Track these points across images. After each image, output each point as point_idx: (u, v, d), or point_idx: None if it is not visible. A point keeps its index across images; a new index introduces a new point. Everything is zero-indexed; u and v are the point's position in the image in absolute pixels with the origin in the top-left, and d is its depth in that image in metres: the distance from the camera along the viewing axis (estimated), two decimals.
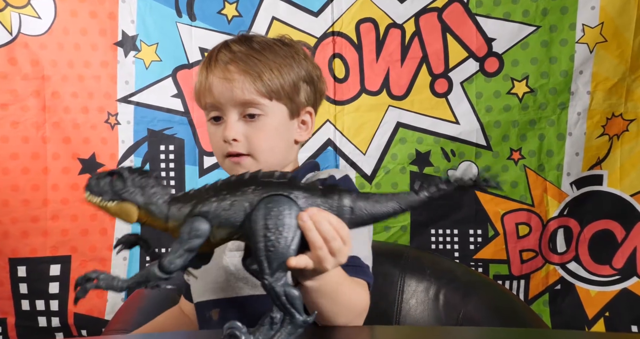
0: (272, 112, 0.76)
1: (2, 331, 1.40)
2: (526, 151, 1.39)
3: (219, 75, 0.75)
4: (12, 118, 1.38)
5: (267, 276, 0.54)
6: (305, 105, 0.80)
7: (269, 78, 0.75)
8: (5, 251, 1.39)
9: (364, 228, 0.75)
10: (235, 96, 0.75)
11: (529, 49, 1.36)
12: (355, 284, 0.68)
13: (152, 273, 0.55)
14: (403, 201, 0.57)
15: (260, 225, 0.54)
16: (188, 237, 0.55)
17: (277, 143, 0.78)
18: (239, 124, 0.76)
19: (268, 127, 0.76)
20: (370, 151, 1.45)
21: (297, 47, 0.81)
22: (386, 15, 1.42)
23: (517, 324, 0.96)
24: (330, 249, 0.56)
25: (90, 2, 1.39)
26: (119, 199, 0.57)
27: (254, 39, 0.79)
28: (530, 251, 1.39)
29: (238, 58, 0.75)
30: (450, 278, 1.11)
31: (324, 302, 0.63)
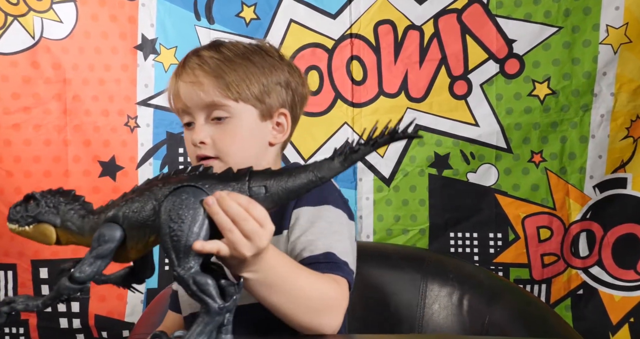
0: (239, 114, 0.75)
1: (24, 332, 1.41)
2: (547, 154, 1.35)
3: (185, 79, 0.75)
4: (35, 121, 1.38)
5: (176, 267, 0.52)
6: (278, 107, 0.78)
7: (234, 80, 0.74)
8: (28, 252, 1.39)
9: (340, 223, 0.73)
10: (201, 98, 0.74)
11: (550, 50, 1.33)
12: (322, 277, 0.64)
13: (63, 286, 0.55)
14: (318, 169, 0.54)
15: (164, 218, 0.52)
16: (98, 245, 0.54)
17: (247, 145, 0.76)
18: (206, 127, 0.75)
19: (236, 129, 0.75)
20: (388, 153, 1.43)
21: (272, 52, 0.80)
22: (405, 17, 1.40)
23: (544, 332, 0.94)
24: (243, 232, 0.53)
25: (111, 6, 1.39)
26: (35, 222, 0.57)
27: (225, 45, 0.78)
28: (551, 255, 1.36)
29: (204, 62, 0.75)
30: (475, 283, 1.08)
31: (273, 296, 0.61)
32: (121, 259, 0.57)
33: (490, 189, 1.38)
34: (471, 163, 1.39)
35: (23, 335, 1.41)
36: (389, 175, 1.44)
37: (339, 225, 0.73)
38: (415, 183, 1.43)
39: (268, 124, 0.78)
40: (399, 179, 1.43)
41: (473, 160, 1.39)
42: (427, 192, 1.41)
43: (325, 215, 0.72)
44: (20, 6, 1.35)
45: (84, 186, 1.39)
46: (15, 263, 1.40)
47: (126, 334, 1.40)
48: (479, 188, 1.39)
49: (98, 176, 1.40)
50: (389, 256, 1.20)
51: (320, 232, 0.70)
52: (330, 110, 1.43)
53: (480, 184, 1.39)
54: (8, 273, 1.40)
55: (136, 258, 0.58)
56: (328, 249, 0.68)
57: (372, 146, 0.52)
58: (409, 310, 1.13)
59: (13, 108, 1.37)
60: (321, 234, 0.70)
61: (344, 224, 0.74)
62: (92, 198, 1.52)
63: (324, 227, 0.71)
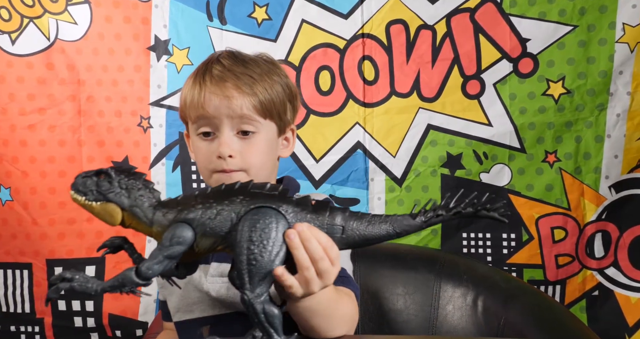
0: (265, 129, 0.76)
1: (39, 331, 1.41)
2: (562, 154, 1.33)
3: (214, 91, 0.74)
4: (50, 122, 1.38)
5: (247, 290, 0.51)
6: (290, 123, 0.81)
7: (264, 96, 0.75)
8: (43, 252, 1.39)
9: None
10: (233, 111, 0.73)
11: (565, 49, 1.30)
12: (344, 296, 0.68)
13: (129, 278, 0.52)
14: (398, 224, 0.54)
15: (245, 237, 0.51)
16: (169, 244, 0.53)
17: (267, 160, 0.78)
18: (234, 140, 0.74)
19: (260, 144, 0.76)
20: (400, 153, 1.41)
21: (276, 64, 0.81)
22: (417, 16, 1.38)
23: (562, 334, 0.91)
24: (317, 270, 0.53)
25: (125, 8, 1.38)
26: (103, 200, 0.55)
27: (247, 59, 0.79)
28: (566, 255, 1.33)
29: (233, 75, 0.74)
30: (489, 284, 1.06)
31: (318, 321, 0.61)
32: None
33: (504, 189, 1.36)
34: (484, 163, 1.37)
35: (38, 333, 1.41)
36: (401, 175, 1.42)
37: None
38: (427, 183, 1.40)
39: (280, 140, 0.80)
40: (411, 179, 1.41)
41: (486, 160, 1.37)
42: (439, 193, 1.39)
43: None
44: (36, 8, 1.35)
45: None
46: (30, 262, 1.40)
47: (139, 333, 1.40)
48: (492, 188, 1.36)
49: None
50: (402, 257, 1.18)
51: None
52: (342, 110, 1.41)
53: (493, 185, 1.36)
54: (24, 272, 1.40)
55: (188, 260, 0.57)
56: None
57: (454, 215, 0.53)
58: (422, 311, 1.12)
59: (29, 109, 1.38)
60: None
61: None
62: None
63: None
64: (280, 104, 0.77)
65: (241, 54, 0.79)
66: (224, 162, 0.74)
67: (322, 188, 1.42)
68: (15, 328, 1.41)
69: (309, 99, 1.41)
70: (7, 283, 1.40)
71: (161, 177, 1.41)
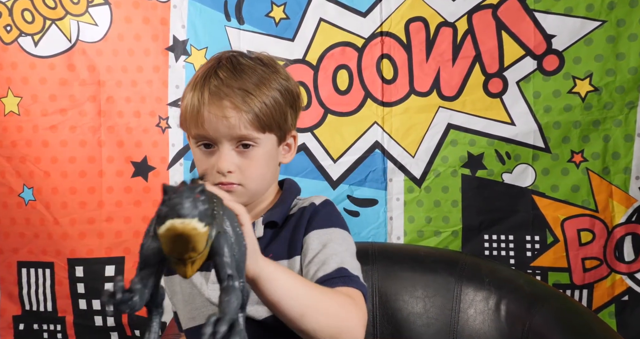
0: (264, 142, 0.74)
1: (61, 329, 1.40)
2: (589, 153, 1.25)
3: (214, 111, 0.71)
4: (71, 123, 1.37)
5: (237, 280, 0.48)
6: (290, 129, 0.78)
7: (262, 112, 0.72)
8: (65, 251, 1.38)
9: (348, 244, 0.74)
10: (233, 131, 0.71)
11: (593, 45, 1.22)
12: (334, 292, 0.65)
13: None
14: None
15: (231, 242, 0.49)
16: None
17: (267, 170, 0.76)
18: (232, 155, 0.73)
19: (259, 157, 0.74)
20: (419, 153, 1.36)
21: (276, 67, 0.77)
22: (437, 13, 1.32)
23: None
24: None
25: (144, 8, 1.36)
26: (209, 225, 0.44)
27: (241, 64, 0.74)
28: (593, 259, 1.25)
29: (230, 91, 0.71)
30: (513, 288, 1.00)
31: (279, 298, 0.60)
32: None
33: (527, 190, 1.29)
34: (507, 163, 1.30)
35: (60, 332, 1.40)
36: (420, 175, 1.36)
37: (347, 245, 0.74)
38: (447, 184, 1.34)
39: (281, 147, 0.79)
40: (431, 179, 1.35)
41: (509, 160, 1.30)
42: (460, 193, 1.33)
43: (334, 237, 0.74)
44: (58, 10, 1.34)
45: (117, 186, 1.37)
46: (52, 261, 1.39)
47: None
48: (515, 189, 1.29)
49: (130, 176, 1.38)
50: (421, 259, 1.14)
51: (332, 252, 0.71)
52: (360, 109, 1.36)
53: (516, 185, 1.30)
54: (46, 270, 1.40)
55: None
56: (340, 265, 0.69)
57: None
58: (442, 314, 1.07)
59: (50, 110, 1.37)
60: (333, 253, 0.71)
61: (351, 244, 0.75)
62: (125, 198, 1.52)
63: (335, 247, 0.72)
64: (279, 114, 0.74)
65: (239, 63, 0.75)
66: (222, 177, 0.73)
67: (339, 189, 1.37)
68: (38, 326, 1.41)
69: (327, 99, 1.36)
70: (30, 281, 1.40)
71: (179, 178, 1.39)
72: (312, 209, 0.76)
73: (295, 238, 0.74)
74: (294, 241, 0.74)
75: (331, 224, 0.75)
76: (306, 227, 0.74)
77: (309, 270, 0.70)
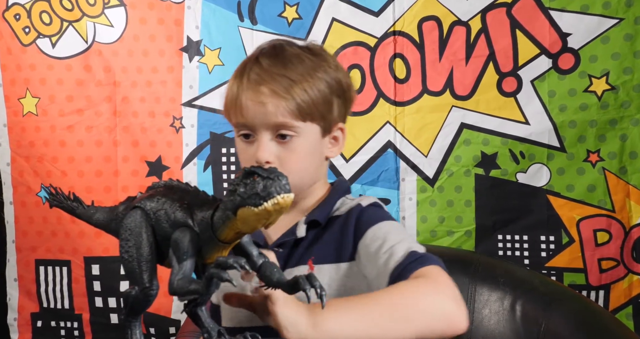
0: (305, 132, 0.70)
1: (78, 326, 1.40)
2: (605, 153, 1.22)
3: (251, 97, 0.68)
4: (87, 123, 1.38)
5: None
6: (337, 121, 0.73)
7: (303, 100, 0.68)
8: (81, 249, 1.39)
9: (405, 232, 0.70)
10: (269, 118, 0.68)
11: (609, 43, 1.19)
12: (399, 296, 0.59)
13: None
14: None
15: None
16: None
17: (309, 163, 0.72)
18: (271, 145, 0.69)
19: (300, 148, 0.70)
20: (432, 153, 1.34)
21: (325, 56, 0.73)
22: (450, 12, 1.30)
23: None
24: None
25: (159, 10, 1.35)
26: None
27: (289, 56, 0.71)
28: (610, 259, 1.22)
29: (270, 77, 0.68)
30: (528, 288, 0.98)
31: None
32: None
33: (542, 189, 1.26)
34: (521, 163, 1.28)
35: (77, 329, 1.41)
36: (433, 175, 1.34)
37: (405, 233, 0.71)
38: (460, 183, 1.32)
39: (326, 139, 0.74)
40: (444, 179, 1.33)
41: (523, 159, 1.28)
42: (473, 193, 1.31)
43: (390, 228, 0.70)
44: (75, 12, 1.35)
45: (132, 186, 1.37)
46: (69, 260, 1.40)
47: (172, 331, 1.37)
48: (530, 189, 1.27)
49: (145, 176, 1.38)
50: None
51: (395, 241, 0.66)
52: (372, 109, 1.35)
53: (531, 185, 1.27)
54: (63, 268, 1.40)
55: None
56: (408, 250, 0.64)
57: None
58: None
59: (67, 110, 1.37)
60: (396, 242, 0.66)
61: (407, 233, 0.73)
62: None
63: (395, 237, 0.67)
64: (323, 103, 0.70)
65: (284, 51, 0.72)
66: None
67: (352, 188, 1.36)
68: (55, 323, 1.41)
69: None
70: (48, 279, 1.40)
71: (193, 177, 1.38)
72: (359, 210, 0.72)
73: (344, 241, 0.70)
74: (343, 244, 0.70)
75: (382, 218, 0.71)
76: (355, 230, 0.70)
77: (378, 263, 0.65)
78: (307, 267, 0.71)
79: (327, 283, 0.70)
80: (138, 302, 0.50)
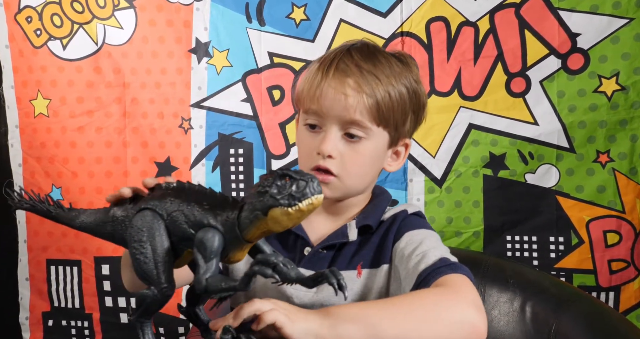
0: (374, 137, 0.68)
1: (88, 326, 1.41)
2: (615, 153, 1.20)
3: (334, 86, 0.66)
4: (97, 124, 1.38)
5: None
6: (405, 135, 0.71)
7: (384, 102, 0.66)
8: (91, 249, 1.39)
9: (440, 241, 0.69)
10: (345, 112, 0.66)
11: (619, 43, 1.18)
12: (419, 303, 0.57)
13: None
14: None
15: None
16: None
17: (369, 169, 0.70)
18: (338, 141, 0.67)
19: (366, 152, 0.68)
20: (440, 153, 1.33)
21: (412, 67, 0.72)
22: (459, 13, 1.29)
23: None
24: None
25: (168, 12, 1.36)
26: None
27: (376, 52, 0.69)
28: (620, 261, 1.21)
29: (358, 71, 0.66)
30: (538, 290, 0.97)
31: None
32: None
33: (551, 190, 1.25)
34: (530, 163, 1.27)
35: (87, 328, 1.41)
36: (441, 176, 1.33)
37: (441, 244, 0.70)
38: (468, 184, 1.31)
39: (389, 151, 0.72)
40: (452, 180, 1.32)
41: (532, 160, 1.26)
42: (481, 194, 1.30)
43: (428, 235, 0.70)
44: (85, 14, 1.35)
45: (141, 186, 1.37)
46: (80, 259, 1.40)
47: (181, 331, 1.37)
48: (538, 190, 1.25)
49: (154, 177, 1.38)
50: None
51: (429, 246, 0.66)
52: None
53: (540, 186, 1.26)
54: (73, 268, 1.41)
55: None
56: (441, 256, 0.64)
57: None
58: None
59: (78, 112, 1.38)
60: (431, 247, 0.66)
61: (434, 233, 0.72)
62: None
63: (431, 243, 0.67)
64: (400, 112, 0.68)
65: (376, 50, 0.70)
66: (321, 160, 0.67)
67: None
68: (66, 322, 1.42)
69: None
70: (59, 279, 1.41)
71: (201, 178, 1.38)
72: (404, 215, 0.72)
73: (384, 245, 0.70)
74: (383, 248, 0.69)
75: (422, 226, 0.71)
76: (396, 233, 0.70)
77: (408, 265, 0.64)
78: (356, 272, 0.70)
79: (371, 287, 0.69)
80: (156, 303, 0.50)
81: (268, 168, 1.39)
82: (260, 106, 1.37)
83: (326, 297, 0.68)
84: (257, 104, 1.37)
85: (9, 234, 1.40)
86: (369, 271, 0.70)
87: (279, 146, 1.38)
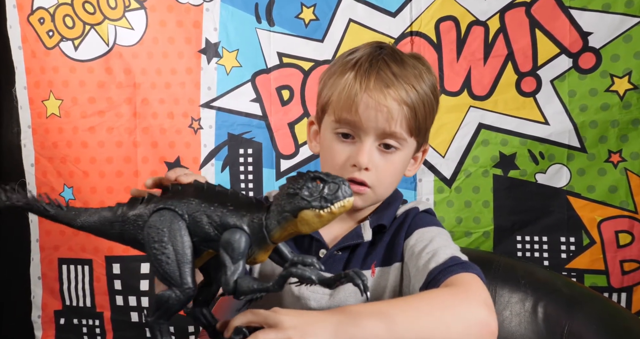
0: (407, 147, 0.68)
1: (99, 324, 1.42)
2: (628, 153, 1.19)
3: (376, 97, 0.64)
4: (108, 124, 1.38)
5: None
6: (426, 143, 0.72)
7: (421, 115, 0.66)
8: (102, 248, 1.40)
9: (451, 240, 0.68)
10: (386, 124, 0.65)
11: (632, 42, 1.16)
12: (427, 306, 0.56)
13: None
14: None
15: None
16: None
17: (397, 177, 0.70)
18: (374, 152, 0.66)
19: (398, 162, 0.68)
20: (449, 153, 1.32)
21: (431, 70, 0.71)
22: (468, 12, 1.28)
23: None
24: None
25: (178, 12, 1.36)
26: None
27: (405, 59, 0.68)
28: (633, 261, 1.19)
29: (399, 84, 0.65)
30: (550, 290, 0.95)
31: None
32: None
33: (562, 190, 1.24)
34: (540, 163, 1.25)
35: (98, 327, 1.42)
36: (451, 176, 1.32)
37: (452, 242, 0.69)
38: (478, 184, 1.30)
39: (411, 156, 0.73)
40: (461, 179, 1.31)
41: (542, 160, 1.25)
42: (491, 194, 1.29)
43: (438, 233, 0.69)
44: (97, 15, 1.36)
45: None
46: (91, 259, 1.41)
47: (191, 330, 1.38)
48: (549, 190, 1.24)
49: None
50: None
51: (440, 245, 0.66)
52: None
53: (551, 186, 1.24)
54: (85, 267, 1.41)
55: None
56: (452, 254, 0.64)
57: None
58: None
59: (89, 112, 1.39)
60: (442, 246, 0.65)
61: (446, 232, 0.71)
62: None
63: (442, 241, 0.67)
64: (430, 120, 0.69)
65: (403, 57, 0.69)
66: (357, 173, 0.66)
67: None
68: (77, 320, 1.43)
69: None
70: (70, 277, 1.42)
71: (211, 178, 1.38)
72: (415, 213, 0.71)
73: (396, 242, 0.69)
74: (394, 246, 0.69)
75: (432, 223, 0.71)
76: (407, 230, 0.69)
77: (418, 263, 0.64)
78: (370, 271, 0.69)
79: (385, 285, 0.69)
80: (178, 304, 0.50)
81: (277, 168, 1.39)
82: (269, 106, 1.37)
83: (343, 298, 0.68)
84: (267, 104, 1.37)
85: (22, 234, 1.41)
86: (381, 269, 0.69)
87: (288, 145, 1.38)
